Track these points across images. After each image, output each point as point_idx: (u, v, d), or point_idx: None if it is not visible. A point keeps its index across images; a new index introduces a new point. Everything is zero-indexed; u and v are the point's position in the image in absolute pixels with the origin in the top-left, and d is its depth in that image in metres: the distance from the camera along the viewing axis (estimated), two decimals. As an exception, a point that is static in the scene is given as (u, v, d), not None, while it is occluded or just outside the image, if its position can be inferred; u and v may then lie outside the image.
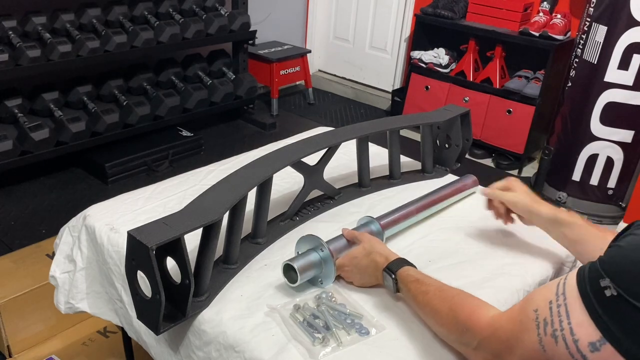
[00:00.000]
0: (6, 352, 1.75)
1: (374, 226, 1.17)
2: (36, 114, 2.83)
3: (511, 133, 3.41)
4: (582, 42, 2.80)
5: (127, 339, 1.45)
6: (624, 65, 2.58)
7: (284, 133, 3.50)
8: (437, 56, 3.72)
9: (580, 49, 2.82)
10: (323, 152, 1.30)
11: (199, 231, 0.94)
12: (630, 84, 2.59)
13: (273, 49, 4.09)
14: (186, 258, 0.90)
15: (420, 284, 0.94)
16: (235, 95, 3.58)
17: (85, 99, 2.97)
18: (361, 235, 1.10)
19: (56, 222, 2.41)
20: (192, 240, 0.95)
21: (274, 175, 1.14)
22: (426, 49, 3.81)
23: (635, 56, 2.55)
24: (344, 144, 1.32)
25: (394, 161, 1.49)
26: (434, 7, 3.63)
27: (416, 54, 3.80)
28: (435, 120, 1.51)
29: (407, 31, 4.14)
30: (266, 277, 1.08)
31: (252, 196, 1.11)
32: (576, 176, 2.88)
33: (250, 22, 3.54)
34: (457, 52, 3.76)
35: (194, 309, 0.97)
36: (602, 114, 2.70)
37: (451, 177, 1.55)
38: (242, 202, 1.05)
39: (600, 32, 2.65)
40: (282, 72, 4.02)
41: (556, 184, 2.99)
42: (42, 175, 2.94)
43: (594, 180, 2.84)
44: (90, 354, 1.79)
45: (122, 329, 1.28)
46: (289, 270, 1.02)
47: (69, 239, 1.30)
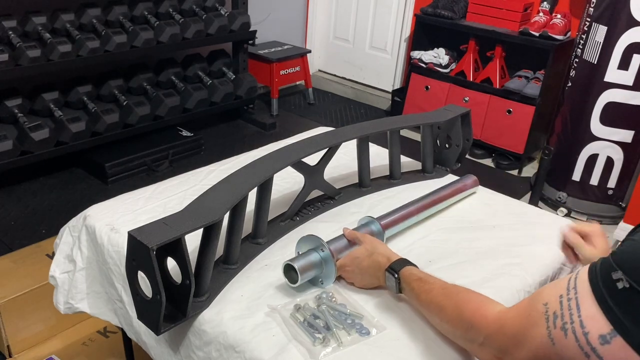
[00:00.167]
0: (6, 352, 1.75)
1: (375, 226, 1.17)
2: (36, 114, 2.82)
3: (511, 133, 3.40)
4: (582, 42, 2.81)
5: (127, 339, 1.45)
6: (624, 65, 2.58)
7: (284, 133, 3.51)
8: (437, 56, 3.72)
9: (580, 49, 2.83)
10: (323, 152, 1.30)
11: (200, 231, 0.94)
12: (630, 84, 2.59)
13: (273, 49, 4.09)
14: (187, 258, 0.90)
15: (424, 282, 0.94)
16: (235, 95, 3.58)
17: (85, 99, 2.97)
18: (363, 236, 1.09)
19: (56, 222, 2.42)
20: (193, 241, 0.95)
21: (275, 175, 1.14)
22: (426, 49, 3.81)
23: (635, 56, 2.55)
24: (344, 144, 1.32)
25: (394, 161, 1.49)
26: (434, 7, 3.63)
27: (416, 54, 3.79)
28: (436, 121, 1.51)
29: (407, 31, 4.14)
30: (266, 277, 1.08)
31: (253, 196, 1.11)
32: (576, 176, 2.88)
33: (250, 22, 3.54)
34: (457, 52, 3.76)
35: (195, 309, 0.97)
36: (602, 114, 2.70)
37: (451, 177, 1.55)
38: (243, 202, 1.05)
39: (600, 32, 2.65)
40: (282, 72, 4.02)
41: (556, 184, 3.00)
42: (42, 175, 2.94)
43: (594, 180, 2.85)
44: (90, 354, 1.79)
45: (122, 329, 1.27)
46: (289, 271, 1.02)
47: (69, 239, 1.30)
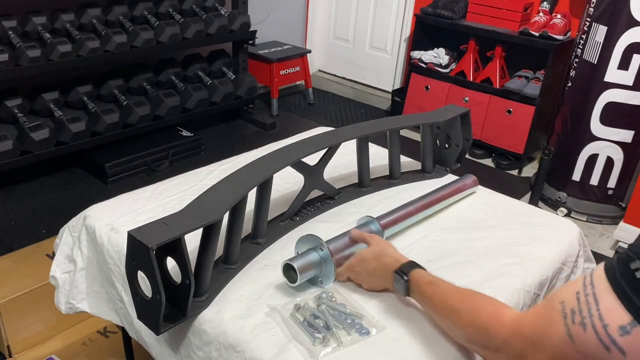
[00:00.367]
0: (6, 352, 1.75)
1: (374, 226, 1.17)
2: (36, 114, 2.83)
3: (511, 133, 3.40)
4: (582, 42, 2.81)
5: (127, 339, 1.45)
6: (624, 65, 2.58)
7: (284, 133, 3.50)
8: (437, 56, 3.72)
9: (580, 49, 2.83)
10: (323, 152, 1.30)
11: (199, 231, 0.94)
12: (630, 84, 2.59)
13: (273, 49, 4.09)
14: (186, 258, 0.90)
15: (436, 285, 0.93)
16: (235, 95, 3.58)
17: (85, 99, 2.97)
18: (370, 237, 1.09)
19: (56, 222, 2.42)
20: (193, 241, 0.95)
21: (274, 175, 1.14)
22: (426, 49, 3.81)
23: (635, 56, 2.55)
24: (344, 144, 1.32)
25: (394, 161, 1.49)
26: (434, 7, 3.63)
27: (416, 54, 3.79)
28: (436, 120, 1.51)
29: (407, 31, 4.14)
30: (266, 277, 1.08)
31: (252, 196, 1.11)
32: (576, 176, 2.88)
33: (250, 22, 3.54)
34: (457, 52, 3.76)
35: (194, 309, 0.97)
36: (602, 114, 2.70)
37: (451, 177, 1.55)
38: (243, 202, 1.05)
39: (600, 32, 2.65)
40: (282, 72, 4.02)
41: (556, 184, 3.00)
42: (42, 175, 2.94)
43: (594, 180, 2.85)
44: (90, 354, 1.79)
45: (123, 329, 1.28)
46: (288, 270, 1.02)
47: (69, 239, 1.30)
